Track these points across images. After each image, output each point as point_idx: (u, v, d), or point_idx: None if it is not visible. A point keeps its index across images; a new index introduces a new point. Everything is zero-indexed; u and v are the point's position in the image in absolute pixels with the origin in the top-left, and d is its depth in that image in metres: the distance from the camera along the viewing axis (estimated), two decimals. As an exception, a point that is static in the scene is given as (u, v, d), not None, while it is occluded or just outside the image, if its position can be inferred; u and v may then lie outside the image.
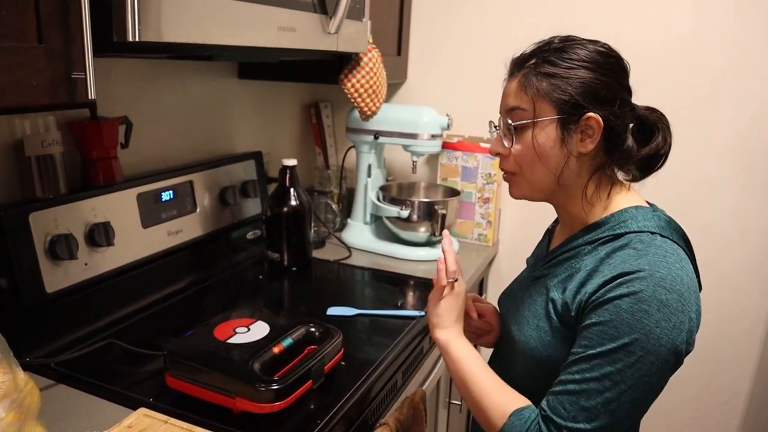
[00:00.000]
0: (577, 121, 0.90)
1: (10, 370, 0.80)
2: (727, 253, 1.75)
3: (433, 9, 1.95)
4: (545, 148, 0.92)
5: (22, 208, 1.07)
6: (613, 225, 0.92)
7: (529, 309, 0.99)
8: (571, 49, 0.91)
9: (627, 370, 0.80)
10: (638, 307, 0.80)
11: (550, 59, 0.91)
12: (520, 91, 0.93)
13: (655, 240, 0.87)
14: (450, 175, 1.96)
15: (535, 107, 0.91)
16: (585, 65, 0.90)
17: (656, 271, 0.82)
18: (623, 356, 0.80)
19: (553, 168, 0.93)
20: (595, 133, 0.90)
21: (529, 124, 0.92)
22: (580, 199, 0.95)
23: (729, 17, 1.63)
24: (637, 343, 0.80)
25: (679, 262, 0.85)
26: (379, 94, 1.60)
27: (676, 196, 1.75)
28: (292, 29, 1.12)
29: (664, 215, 0.94)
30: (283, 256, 1.59)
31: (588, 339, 0.84)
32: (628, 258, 0.85)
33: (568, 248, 0.97)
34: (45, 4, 0.72)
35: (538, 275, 1.02)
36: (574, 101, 0.89)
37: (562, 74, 0.90)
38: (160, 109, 1.45)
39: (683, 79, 1.71)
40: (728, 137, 1.70)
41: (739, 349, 1.79)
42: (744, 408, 1.82)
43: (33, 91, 0.73)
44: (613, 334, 0.81)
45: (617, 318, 0.81)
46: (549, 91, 0.90)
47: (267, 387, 0.92)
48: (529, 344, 0.95)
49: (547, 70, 0.91)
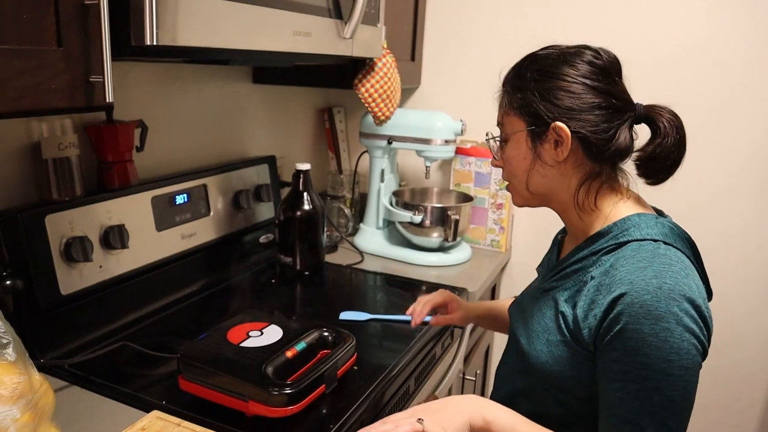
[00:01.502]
0: (546, 131, 0.91)
1: (26, 371, 0.81)
2: (743, 264, 1.74)
3: (446, 14, 1.95)
4: (516, 159, 0.97)
5: (38, 210, 1.08)
6: (615, 234, 0.90)
7: (539, 323, 0.97)
8: (542, 60, 0.93)
9: (675, 393, 0.79)
10: (659, 327, 0.78)
11: (522, 72, 0.95)
12: (499, 108, 0.99)
13: (659, 248, 0.85)
14: (463, 181, 1.95)
15: (506, 122, 0.97)
16: (552, 75, 0.90)
17: (664, 283, 0.80)
18: (666, 382, 0.78)
19: (524, 178, 0.97)
20: (565, 141, 0.90)
21: (505, 137, 0.98)
22: (573, 206, 0.96)
23: (743, 24, 1.62)
24: (674, 364, 0.78)
25: (685, 269, 0.83)
26: (393, 99, 1.60)
27: (691, 205, 1.74)
28: (308, 34, 1.13)
29: (668, 222, 0.92)
30: (295, 260, 1.59)
31: (623, 373, 0.81)
32: (633, 270, 0.83)
33: (575, 260, 0.96)
34: (65, 8, 0.72)
35: (548, 287, 1.00)
36: (537, 112, 0.91)
37: (528, 87, 0.92)
38: (175, 113, 1.46)
39: (697, 86, 1.69)
40: (744, 146, 1.69)
41: (754, 360, 1.77)
42: (759, 418, 1.80)
43: (52, 94, 0.73)
44: (647, 362, 0.78)
45: (644, 345, 0.79)
46: (517, 105, 0.94)
47: (280, 391, 0.92)
48: (539, 359, 0.93)
49: (517, 84, 0.95)
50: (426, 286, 1.60)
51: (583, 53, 0.91)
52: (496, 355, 2.05)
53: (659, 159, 0.90)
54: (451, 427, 0.85)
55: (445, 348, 1.42)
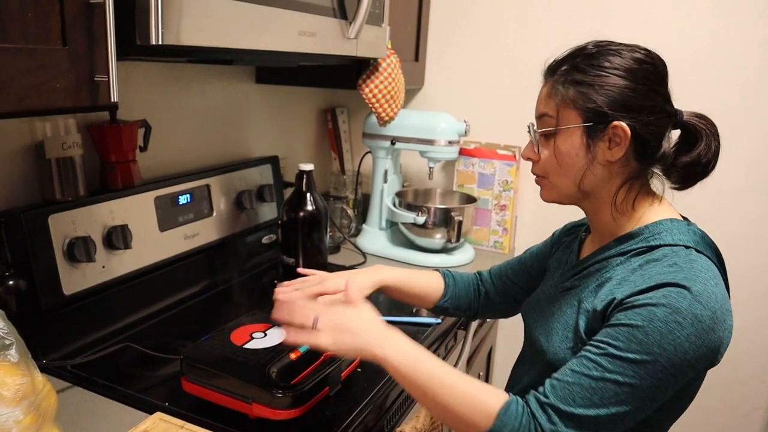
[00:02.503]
0: (604, 129, 0.89)
1: (29, 372, 0.80)
2: (754, 268, 1.73)
3: (450, 15, 1.95)
4: (568, 156, 0.92)
5: (41, 210, 1.07)
6: (647, 236, 0.90)
7: (558, 320, 0.96)
8: (602, 56, 0.90)
9: (648, 380, 0.78)
10: (673, 318, 0.78)
11: (580, 66, 0.90)
12: (548, 98, 0.93)
13: (691, 255, 0.85)
14: (466, 182, 1.94)
15: (560, 115, 0.91)
16: (615, 73, 0.88)
17: (693, 286, 0.80)
18: (648, 367, 0.78)
19: (574, 176, 0.92)
20: (623, 141, 0.89)
21: (554, 131, 0.92)
22: (609, 206, 0.94)
23: (754, 22, 1.61)
24: (665, 355, 0.78)
25: (714, 278, 0.83)
26: (397, 99, 1.59)
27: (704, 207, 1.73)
28: (313, 34, 1.12)
29: (698, 230, 0.92)
30: (298, 260, 1.58)
31: (614, 337, 0.80)
32: (664, 270, 0.83)
33: (599, 258, 0.95)
34: (70, 7, 0.72)
35: (569, 286, 1.00)
36: (599, 110, 0.88)
37: (590, 82, 0.89)
38: (179, 113, 1.45)
39: (709, 87, 1.68)
40: (755, 149, 1.68)
41: (760, 363, 1.76)
42: (763, 421, 1.79)
43: (56, 94, 0.73)
44: (643, 340, 0.78)
45: (649, 325, 0.78)
46: (575, 99, 0.90)
47: (284, 393, 0.92)
48: (558, 356, 0.92)
49: (576, 78, 0.90)
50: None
51: (640, 52, 0.91)
52: (500, 357, 2.05)
53: (700, 165, 0.92)
54: (344, 347, 0.89)
55: (448, 350, 1.42)
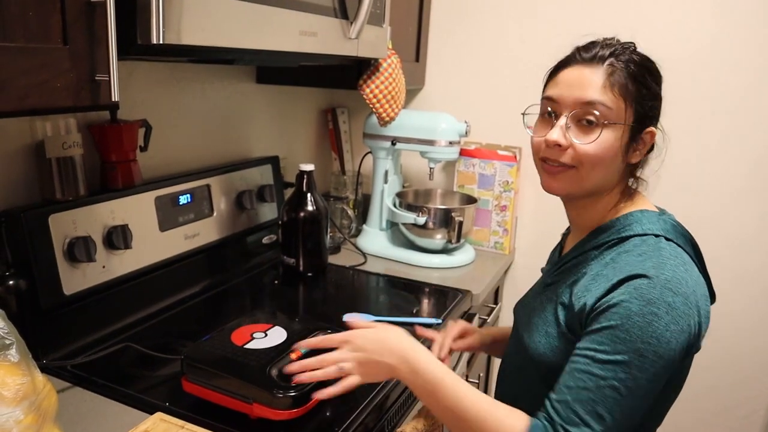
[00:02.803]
0: (640, 131, 0.91)
1: (29, 372, 0.80)
2: (753, 270, 1.72)
3: (451, 16, 1.94)
4: (612, 150, 0.90)
5: (41, 209, 1.07)
6: (618, 228, 0.92)
7: (539, 316, 0.98)
8: (649, 62, 0.92)
9: (642, 376, 0.79)
10: (648, 310, 0.79)
11: (640, 63, 0.90)
12: (606, 88, 0.88)
13: (660, 243, 0.87)
14: (467, 183, 1.94)
15: (618, 108, 0.89)
16: (658, 80, 0.92)
17: (661, 274, 0.81)
18: (638, 363, 0.79)
19: (612, 171, 0.93)
20: (646, 146, 0.92)
21: (603, 124, 0.88)
22: (605, 203, 0.96)
23: (756, 23, 1.61)
24: (650, 348, 0.79)
25: (684, 264, 0.85)
26: (397, 100, 1.59)
27: (700, 211, 1.73)
28: (314, 34, 1.12)
29: (671, 219, 0.94)
30: (298, 261, 1.59)
31: (598, 342, 0.81)
32: (632, 261, 0.85)
33: (577, 253, 0.98)
34: (71, 6, 0.72)
35: (549, 282, 1.03)
36: (649, 113, 0.91)
37: (647, 83, 0.90)
38: (179, 113, 1.45)
39: (710, 88, 1.68)
40: (754, 150, 1.67)
41: (760, 364, 1.76)
42: (764, 423, 1.79)
43: (57, 93, 0.73)
44: (626, 338, 0.79)
45: (628, 321, 0.80)
46: (635, 97, 0.89)
47: (285, 393, 0.91)
48: (538, 350, 0.94)
49: (635, 73, 0.89)
50: (429, 287, 1.59)
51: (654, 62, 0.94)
52: (498, 358, 2.04)
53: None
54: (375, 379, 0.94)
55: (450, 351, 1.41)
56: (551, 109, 0.93)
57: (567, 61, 0.94)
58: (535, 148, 0.96)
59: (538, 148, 0.95)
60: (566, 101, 0.91)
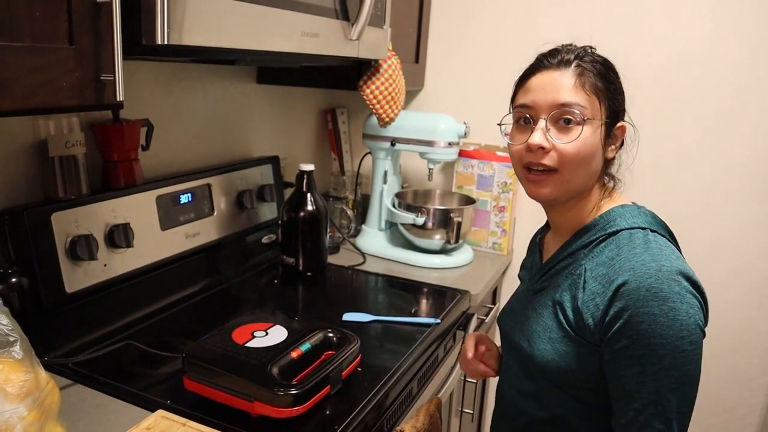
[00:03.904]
0: (612, 126, 0.94)
1: (32, 369, 0.81)
2: (744, 270, 1.73)
3: (451, 18, 1.95)
4: (593, 147, 0.91)
5: (44, 208, 1.08)
6: (603, 225, 0.94)
7: (537, 323, 0.98)
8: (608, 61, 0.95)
9: (690, 367, 0.82)
10: (667, 306, 0.81)
11: (605, 63, 0.94)
12: (578, 87, 0.91)
13: (648, 235, 0.89)
14: (465, 183, 1.95)
15: (589, 104, 0.91)
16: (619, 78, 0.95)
17: (662, 266, 0.83)
18: (682, 358, 0.81)
19: (593, 170, 0.94)
20: (618, 141, 0.95)
21: (581, 122, 0.90)
22: (586, 202, 0.98)
23: (748, 28, 1.62)
24: (686, 340, 0.81)
25: (674, 252, 0.88)
26: (397, 101, 1.60)
27: (692, 210, 1.75)
28: (315, 35, 1.13)
29: (647, 211, 0.96)
30: (298, 261, 1.60)
31: (638, 357, 0.83)
32: (630, 257, 0.86)
33: (563, 256, 0.98)
34: (77, 7, 0.73)
35: (539, 288, 1.02)
36: (619, 108, 0.94)
37: (613, 80, 0.94)
38: (180, 113, 1.46)
39: (701, 91, 1.70)
40: (744, 150, 1.69)
41: (755, 365, 1.77)
42: (759, 423, 1.80)
43: (63, 92, 0.73)
44: (662, 342, 0.81)
45: (656, 325, 0.81)
46: (606, 93, 0.92)
47: (286, 391, 0.92)
48: (545, 358, 0.94)
49: (603, 72, 0.92)
50: (428, 288, 1.60)
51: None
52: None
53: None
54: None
55: (447, 350, 1.43)
56: (528, 115, 0.94)
57: (534, 68, 0.96)
58: (517, 156, 0.97)
59: (519, 155, 0.96)
60: (542, 105, 0.92)
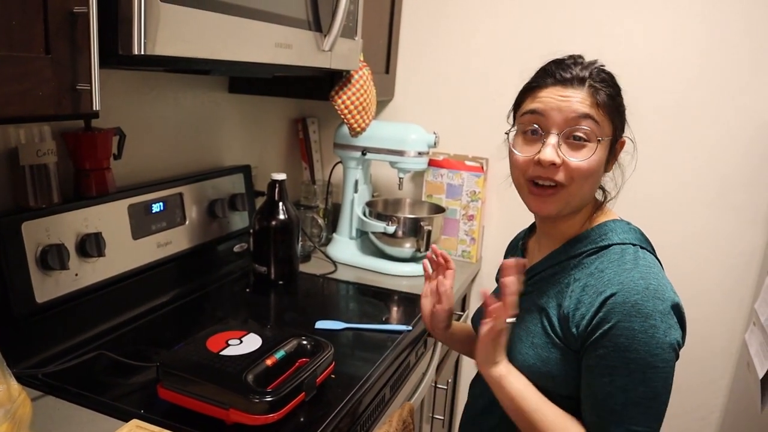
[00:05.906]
0: (615, 142, 0.96)
1: (4, 380, 0.80)
2: (703, 272, 1.80)
3: (421, 29, 1.98)
4: (600, 164, 0.93)
5: (14, 217, 1.07)
6: (594, 238, 0.96)
7: (519, 326, 0.99)
8: (614, 77, 0.96)
9: (659, 384, 0.85)
10: (648, 324, 0.84)
11: (611, 80, 0.95)
12: (593, 107, 0.91)
13: (638, 252, 0.92)
14: (435, 192, 1.98)
15: (605, 125, 0.92)
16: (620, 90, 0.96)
17: (650, 284, 0.86)
18: (651, 373, 0.84)
19: (596, 185, 0.97)
20: (617, 155, 0.98)
21: (594, 138, 0.90)
22: (582, 215, 0.99)
23: (701, 41, 1.69)
24: (658, 357, 0.84)
25: (661, 272, 0.91)
26: (368, 111, 1.62)
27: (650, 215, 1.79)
28: (289, 46, 1.14)
29: (636, 228, 0.99)
30: (270, 269, 1.60)
31: (611, 368, 0.86)
32: (620, 271, 0.88)
33: (551, 264, 1.00)
34: (54, 16, 0.73)
35: (521, 291, 1.02)
36: (621, 124, 0.96)
37: (620, 99, 0.95)
38: (152, 121, 1.45)
39: (659, 100, 1.76)
40: (698, 154, 1.75)
41: (716, 367, 1.83)
42: (718, 424, 1.86)
43: (38, 102, 0.73)
44: (635, 357, 0.84)
45: (633, 340, 0.84)
46: (615, 113, 0.94)
47: (261, 399, 0.93)
48: (527, 362, 0.95)
49: (609, 90, 0.93)
50: (398, 295, 1.62)
51: None
52: (466, 365, 2.08)
53: None
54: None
55: (419, 356, 1.44)
56: (538, 125, 0.93)
57: (543, 80, 0.94)
58: (521, 168, 0.95)
59: (525, 167, 0.94)
60: (555, 119, 0.91)
